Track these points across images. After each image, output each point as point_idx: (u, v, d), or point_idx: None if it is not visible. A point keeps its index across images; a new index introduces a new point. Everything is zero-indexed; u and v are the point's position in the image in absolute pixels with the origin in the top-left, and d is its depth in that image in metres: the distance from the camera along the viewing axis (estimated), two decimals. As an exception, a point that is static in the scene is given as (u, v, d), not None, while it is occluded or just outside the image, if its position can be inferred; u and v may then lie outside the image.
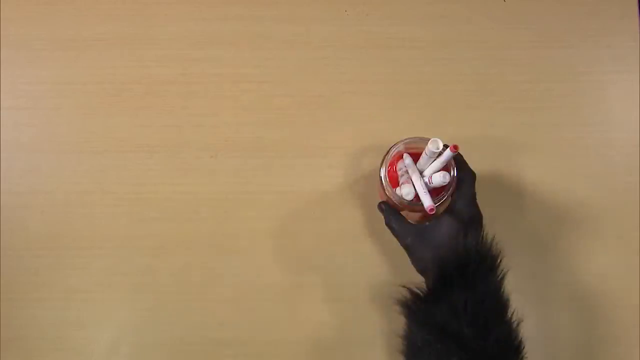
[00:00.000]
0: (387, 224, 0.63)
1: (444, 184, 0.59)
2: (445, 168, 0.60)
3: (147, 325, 0.67)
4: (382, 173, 0.62)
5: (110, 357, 0.66)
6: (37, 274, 0.68)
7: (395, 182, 0.63)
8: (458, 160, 0.61)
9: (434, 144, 0.57)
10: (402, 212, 0.65)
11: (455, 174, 0.60)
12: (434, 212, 0.58)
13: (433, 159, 0.60)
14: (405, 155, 0.63)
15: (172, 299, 0.67)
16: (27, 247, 0.68)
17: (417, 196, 0.60)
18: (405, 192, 0.60)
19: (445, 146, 0.58)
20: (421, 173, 0.62)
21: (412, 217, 0.65)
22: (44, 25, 0.74)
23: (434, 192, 0.61)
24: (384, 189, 0.62)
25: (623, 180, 0.70)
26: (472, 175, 0.61)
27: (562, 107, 0.72)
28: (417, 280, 0.59)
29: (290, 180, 0.70)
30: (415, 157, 0.63)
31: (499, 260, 0.56)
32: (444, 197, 0.60)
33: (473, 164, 0.62)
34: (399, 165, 0.64)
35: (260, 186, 0.70)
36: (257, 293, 0.67)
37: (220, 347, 0.66)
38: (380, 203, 0.64)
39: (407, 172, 0.62)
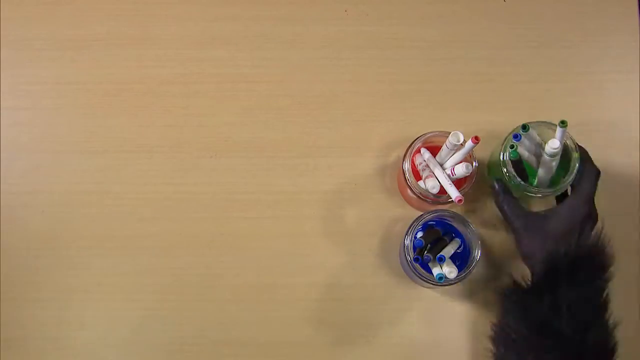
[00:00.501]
0: (498, 204, 0.63)
1: (467, 175, 0.60)
2: (466, 159, 0.62)
3: (147, 325, 0.67)
4: (406, 166, 0.63)
5: (110, 357, 0.66)
6: (37, 274, 0.68)
7: (417, 175, 0.64)
8: (582, 155, 0.61)
9: (455, 137, 0.59)
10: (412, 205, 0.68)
11: (477, 165, 0.62)
12: (462, 202, 0.59)
13: (454, 151, 0.61)
14: (423, 150, 0.65)
15: (172, 299, 0.67)
16: (27, 247, 0.69)
17: (441, 189, 0.62)
18: (430, 185, 0.61)
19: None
20: (441, 165, 0.63)
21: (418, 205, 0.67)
22: (44, 25, 0.74)
23: (457, 183, 0.62)
24: (406, 182, 0.63)
25: (623, 180, 0.70)
26: (595, 172, 0.61)
27: (562, 107, 0.72)
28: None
29: (290, 180, 0.70)
30: (432, 151, 0.65)
31: (609, 262, 0.55)
32: (466, 188, 0.62)
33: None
34: (417, 159, 0.65)
35: (260, 186, 0.70)
36: (257, 293, 0.67)
37: (220, 347, 0.66)
38: (496, 180, 0.63)
39: (427, 166, 0.64)
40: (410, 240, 0.61)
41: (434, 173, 0.63)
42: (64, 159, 0.71)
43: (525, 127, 0.61)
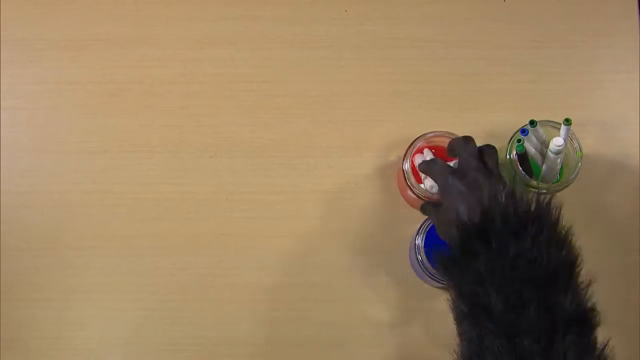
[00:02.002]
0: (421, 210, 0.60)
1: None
2: None
3: (147, 325, 0.67)
4: (406, 167, 0.63)
5: (110, 357, 0.66)
6: (37, 274, 0.68)
7: (417, 176, 0.64)
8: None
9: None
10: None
11: None
12: None
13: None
14: (426, 150, 0.64)
15: (172, 299, 0.67)
16: (27, 247, 0.68)
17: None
18: (429, 185, 0.61)
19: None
20: None
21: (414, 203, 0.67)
22: (44, 25, 0.74)
23: None
24: (406, 183, 0.63)
25: (623, 180, 0.70)
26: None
27: (562, 107, 0.72)
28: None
29: (290, 180, 0.70)
30: (437, 151, 0.64)
31: (533, 216, 0.47)
32: None
33: (473, 164, 0.62)
34: (418, 160, 0.64)
35: (260, 186, 0.70)
36: (257, 293, 0.67)
37: (220, 347, 0.66)
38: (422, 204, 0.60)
39: None
40: (421, 240, 0.61)
41: None
42: (64, 159, 0.71)
43: (533, 123, 0.61)
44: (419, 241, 0.61)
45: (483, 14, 0.75)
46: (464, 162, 0.55)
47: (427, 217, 0.63)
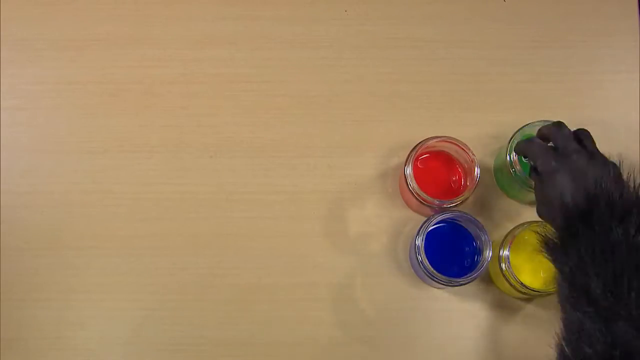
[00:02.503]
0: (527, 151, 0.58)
1: None
2: (469, 165, 0.62)
3: (147, 325, 0.67)
4: (408, 171, 0.62)
5: (110, 357, 0.66)
6: (37, 274, 0.68)
7: (421, 180, 0.63)
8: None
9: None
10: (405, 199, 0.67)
11: (479, 174, 0.62)
12: None
13: None
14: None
15: (172, 299, 0.67)
16: (27, 247, 0.69)
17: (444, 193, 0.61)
18: None
19: None
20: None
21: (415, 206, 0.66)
22: (44, 25, 0.74)
23: (455, 190, 0.62)
24: (407, 187, 0.62)
25: (623, 180, 0.70)
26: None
27: (562, 107, 0.72)
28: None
29: (290, 180, 0.70)
30: (438, 156, 0.63)
31: (638, 202, 0.48)
32: (467, 195, 0.62)
33: (473, 164, 0.62)
34: None
35: (260, 186, 0.70)
36: (257, 293, 0.67)
37: (219, 347, 0.66)
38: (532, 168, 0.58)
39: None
40: (421, 241, 0.61)
41: None
42: (64, 159, 0.71)
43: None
44: (419, 242, 0.61)
45: (483, 14, 0.75)
46: (564, 146, 0.56)
47: (427, 217, 0.63)
